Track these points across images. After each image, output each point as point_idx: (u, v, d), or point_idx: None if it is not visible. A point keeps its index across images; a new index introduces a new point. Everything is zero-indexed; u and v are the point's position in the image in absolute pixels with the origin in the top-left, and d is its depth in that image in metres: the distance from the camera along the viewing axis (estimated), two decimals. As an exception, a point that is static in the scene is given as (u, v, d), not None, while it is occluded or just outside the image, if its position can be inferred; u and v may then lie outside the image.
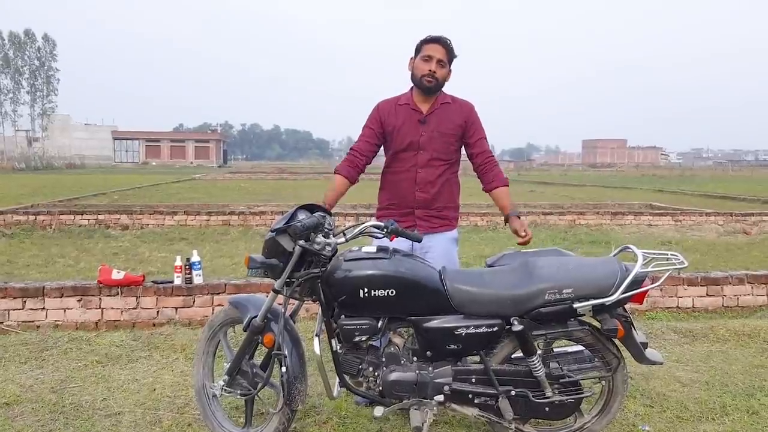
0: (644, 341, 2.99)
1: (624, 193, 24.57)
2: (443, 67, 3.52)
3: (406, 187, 3.58)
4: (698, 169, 77.14)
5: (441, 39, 3.50)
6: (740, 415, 3.51)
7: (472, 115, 3.66)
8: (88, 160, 66.33)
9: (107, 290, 5.24)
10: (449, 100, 3.64)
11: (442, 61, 3.50)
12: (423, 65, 3.49)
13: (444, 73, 3.54)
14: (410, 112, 3.59)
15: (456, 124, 3.60)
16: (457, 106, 3.64)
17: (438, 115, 3.59)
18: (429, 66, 3.48)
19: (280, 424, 3.03)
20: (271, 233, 2.90)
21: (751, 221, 13.08)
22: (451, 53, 3.54)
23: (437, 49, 3.49)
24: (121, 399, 3.71)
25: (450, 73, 3.59)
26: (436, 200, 3.60)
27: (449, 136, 3.59)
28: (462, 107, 3.66)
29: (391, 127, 3.60)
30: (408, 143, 3.57)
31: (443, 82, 3.56)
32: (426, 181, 3.57)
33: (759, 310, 5.86)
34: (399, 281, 2.85)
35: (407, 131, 3.57)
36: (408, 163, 3.57)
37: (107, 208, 13.58)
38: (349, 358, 2.99)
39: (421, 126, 3.56)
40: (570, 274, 2.86)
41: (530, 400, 2.95)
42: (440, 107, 3.60)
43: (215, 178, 34.46)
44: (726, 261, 8.81)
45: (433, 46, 3.49)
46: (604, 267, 2.89)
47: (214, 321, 3.26)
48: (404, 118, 3.59)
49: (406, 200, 3.59)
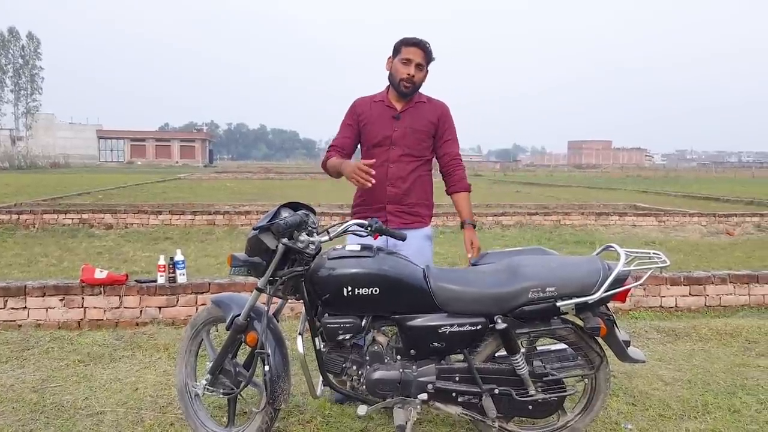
0: (627, 339, 3.01)
1: (609, 193, 24.72)
2: (421, 71, 3.54)
3: (378, 182, 3.50)
4: (682, 170, 77.79)
5: (421, 43, 3.50)
6: (722, 414, 3.54)
7: (445, 115, 3.70)
8: (72, 159, 65.78)
9: (90, 289, 5.20)
10: (425, 100, 3.67)
11: (420, 65, 3.52)
12: (402, 68, 3.50)
13: (422, 77, 3.57)
14: (385, 108, 3.62)
15: (429, 121, 3.63)
16: (431, 106, 3.68)
17: (412, 113, 3.61)
18: (408, 70, 3.48)
19: (263, 423, 3.01)
20: (254, 231, 2.88)
21: (734, 222, 13.20)
22: (430, 56, 3.55)
23: (416, 52, 3.50)
24: (103, 398, 3.68)
25: (427, 74, 3.62)
26: (407, 196, 3.61)
27: (422, 133, 3.62)
28: (436, 107, 3.69)
29: (365, 122, 3.63)
30: (381, 138, 3.58)
31: (420, 84, 3.59)
32: (397, 176, 3.58)
33: (741, 310, 5.91)
34: (383, 279, 2.84)
35: (380, 126, 3.59)
36: (380, 159, 3.56)
37: (91, 207, 13.49)
38: (333, 357, 2.98)
39: (394, 122, 3.58)
40: (553, 272, 2.87)
41: (513, 399, 2.96)
42: (415, 105, 3.63)
43: (201, 178, 34.33)
44: (709, 261, 8.88)
45: (412, 50, 3.50)
46: (587, 266, 2.90)
47: (197, 320, 3.24)
48: (378, 113, 3.62)
49: (378, 196, 3.58)
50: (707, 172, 67.93)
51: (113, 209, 13.03)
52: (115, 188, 22.48)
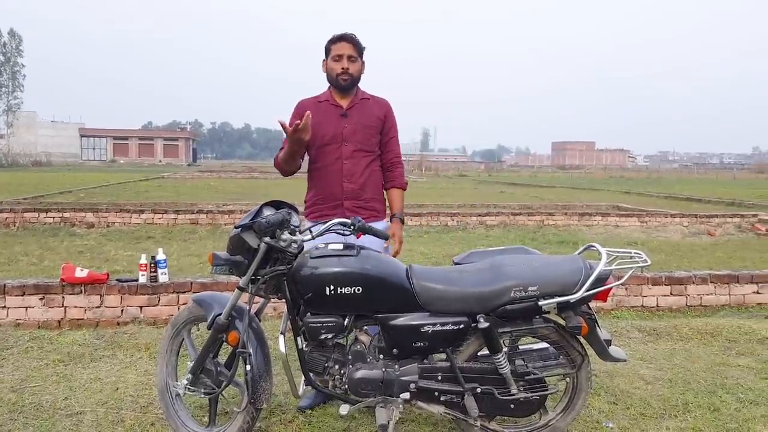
0: (608, 338, 3.02)
1: (592, 194, 24.86)
2: (355, 62, 3.58)
3: (333, 179, 3.61)
4: (664, 171, 78.48)
5: (346, 36, 3.57)
6: (702, 412, 3.56)
7: (389, 113, 3.76)
8: (54, 157, 65.26)
9: (70, 288, 5.15)
10: (368, 96, 3.73)
11: (352, 57, 3.57)
12: (335, 65, 3.56)
13: (357, 68, 3.60)
14: (330, 107, 3.65)
15: (376, 117, 3.68)
16: (375, 102, 3.73)
17: (359, 109, 3.65)
18: (341, 65, 3.54)
19: (245, 423, 2.99)
20: (236, 230, 2.86)
21: (715, 223, 13.32)
22: (359, 47, 3.60)
23: (344, 46, 3.56)
24: (83, 398, 3.65)
25: (363, 65, 3.66)
26: (363, 191, 3.64)
27: (371, 128, 3.65)
28: (380, 104, 3.75)
29: (313, 122, 3.56)
30: (331, 136, 3.60)
31: (358, 76, 3.63)
32: (352, 172, 3.60)
33: (721, 310, 5.96)
34: (365, 279, 2.83)
35: (329, 125, 3.61)
36: (333, 156, 3.60)
37: (73, 206, 13.36)
38: (315, 356, 2.97)
39: (342, 119, 3.61)
40: (535, 271, 2.88)
41: (495, 398, 2.96)
42: (360, 102, 3.67)
43: (184, 177, 34.14)
44: (690, 261, 8.95)
45: (340, 45, 3.56)
46: (569, 265, 2.92)
47: (178, 319, 3.22)
48: (325, 113, 3.63)
49: (334, 193, 3.61)
50: (689, 173, 68.59)
51: (95, 208, 12.90)
52: (97, 187, 22.30)
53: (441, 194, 22.78)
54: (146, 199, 16.95)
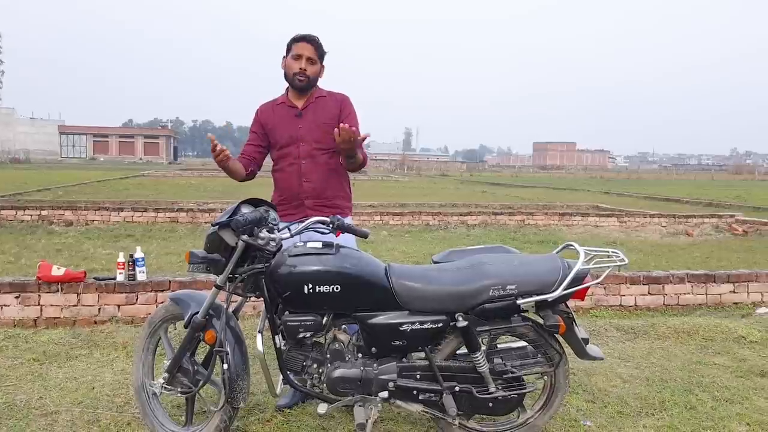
0: (585, 337, 3.04)
1: (572, 194, 25.03)
2: (314, 64, 3.56)
3: (292, 180, 3.61)
4: (644, 172, 79.15)
5: (308, 37, 3.54)
6: (678, 410, 3.59)
7: (346, 105, 3.70)
8: (33, 155, 64.50)
9: (47, 287, 5.08)
10: (324, 94, 3.69)
11: (312, 59, 3.55)
12: (293, 63, 3.54)
13: (315, 70, 3.59)
14: (286, 109, 3.65)
15: (332, 114, 3.63)
16: (332, 98, 3.70)
17: (314, 108, 3.64)
18: (299, 64, 3.52)
19: (222, 422, 2.97)
20: (214, 228, 2.84)
21: (693, 223, 13.46)
22: (320, 50, 3.58)
23: (305, 47, 3.53)
24: (58, 398, 3.60)
25: (323, 69, 3.65)
26: (324, 189, 3.62)
27: (327, 126, 3.55)
28: (336, 99, 3.71)
29: (271, 126, 3.66)
30: (288, 137, 3.61)
31: (315, 78, 3.61)
32: (310, 171, 3.60)
33: (698, 309, 6.02)
34: (344, 277, 2.82)
35: (285, 127, 3.62)
36: (291, 157, 3.61)
37: (51, 204, 13.21)
38: (293, 355, 2.95)
39: (298, 120, 3.61)
40: (514, 270, 2.89)
41: (474, 396, 2.97)
42: (315, 101, 3.65)
43: (164, 175, 33.90)
44: (668, 261, 9.03)
45: (301, 45, 3.53)
46: (547, 264, 2.93)
47: (155, 317, 3.19)
48: (281, 115, 3.65)
49: (295, 193, 3.61)
50: (668, 174, 69.25)
51: (74, 206, 12.78)
52: (76, 184, 22.09)
53: (423, 194, 22.83)
54: (126, 198, 16.81)
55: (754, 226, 13.08)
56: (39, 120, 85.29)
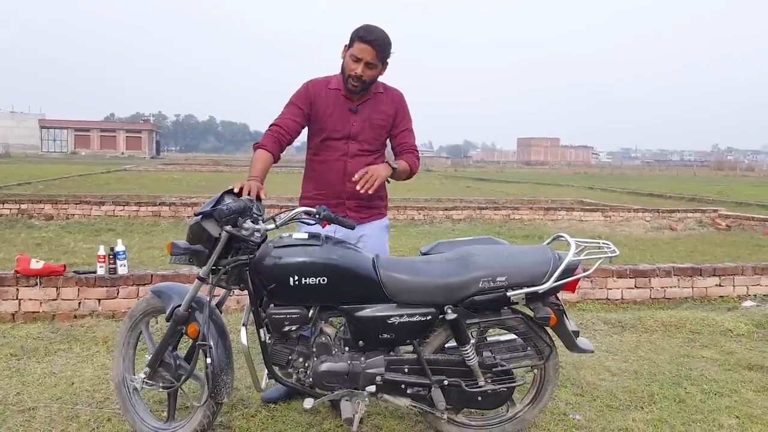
0: (576, 330, 2.99)
1: (557, 189, 25.10)
2: (373, 69, 3.27)
3: (335, 177, 3.40)
4: (627, 167, 79.69)
5: (375, 41, 3.21)
6: (668, 404, 3.57)
7: (401, 105, 3.51)
8: (13, 149, 63.75)
9: (25, 281, 4.96)
10: (381, 89, 3.46)
11: (372, 63, 3.24)
12: (352, 64, 3.25)
13: (373, 74, 3.30)
14: (341, 99, 3.38)
15: (387, 114, 3.44)
16: (388, 96, 3.47)
17: (370, 106, 3.41)
18: (357, 68, 3.23)
19: (205, 418, 2.90)
20: (196, 218, 2.76)
21: (677, 218, 13.52)
22: (385, 53, 3.27)
23: (367, 51, 3.21)
24: (36, 393, 3.51)
25: (384, 69, 3.37)
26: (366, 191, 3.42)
27: (381, 128, 3.44)
28: (393, 97, 3.49)
29: (321, 112, 3.38)
30: (339, 132, 3.37)
31: (371, 83, 3.33)
32: (356, 171, 3.29)
33: (684, 302, 6.01)
34: (330, 269, 2.75)
35: (338, 119, 3.37)
36: (337, 152, 3.38)
37: (30, 198, 13.01)
38: (278, 349, 2.88)
39: (352, 115, 3.37)
40: (504, 262, 2.84)
41: (463, 390, 2.91)
42: (372, 97, 3.42)
43: (147, 170, 33.60)
44: (653, 255, 9.05)
45: (364, 47, 3.21)
46: (538, 255, 2.88)
47: (135, 311, 3.10)
48: (335, 104, 3.38)
49: (336, 191, 3.41)
50: (651, 170, 69.74)
51: (54, 199, 12.60)
52: (57, 179, 21.79)
53: (408, 188, 22.71)
54: (108, 192, 16.60)
55: (737, 220, 13.16)
56: (19, 114, 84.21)
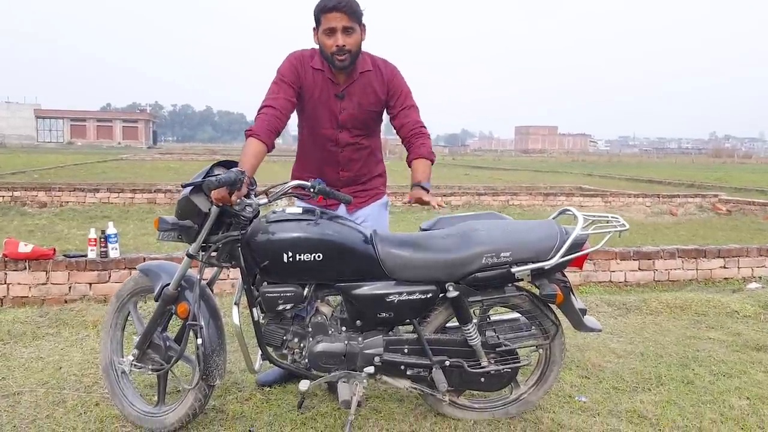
0: (583, 308, 2.87)
1: (555, 176, 24.98)
2: (352, 34, 2.92)
3: (328, 167, 3.18)
4: (625, 155, 79.55)
5: (339, 5, 2.85)
6: (676, 385, 3.45)
7: (395, 82, 3.12)
8: (9, 139, 63.42)
9: (13, 264, 4.84)
10: (369, 67, 3.08)
11: (349, 28, 2.90)
12: (328, 41, 2.91)
13: (355, 40, 2.94)
14: (326, 82, 3.04)
15: (378, 96, 3.09)
16: (377, 74, 3.09)
17: (357, 88, 3.06)
18: (335, 41, 2.89)
19: (196, 401, 2.77)
20: (185, 190, 2.62)
21: (677, 203, 13.41)
22: (356, 14, 2.92)
23: (337, 17, 2.87)
24: (22, 378, 3.38)
25: (364, 31, 3.01)
26: (363, 175, 3.26)
27: (372, 112, 3.13)
28: (383, 73, 3.11)
29: (309, 95, 3.05)
30: (326, 121, 3.09)
31: (358, 50, 2.99)
32: (350, 160, 3.18)
33: (689, 284, 5.91)
34: (326, 245, 2.62)
35: (324, 106, 3.06)
36: (328, 142, 3.12)
37: (24, 185, 12.86)
38: (272, 329, 2.75)
39: (339, 102, 3.05)
40: (508, 237, 2.70)
41: (465, 371, 2.79)
42: (359, 78, 3.05)
43: (143, 159, 33.38)
44: (654, 239, 8.93)
45: (332, 15, 2.87)
46: (543, 230, 2.75)
47: (123, 291, 2.96)
48: (320, 88, 3.04)
49: (331, 181, 3.10)
50: (649, 157, 69.61)
51: (48, 187, 12.46)
52: (52, 168, 21.61)
53: (405, 176, 22.56)
54: (103, 180, 16.43)
55: (737, 205, 13.06)
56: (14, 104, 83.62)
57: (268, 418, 2.98)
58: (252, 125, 2.93)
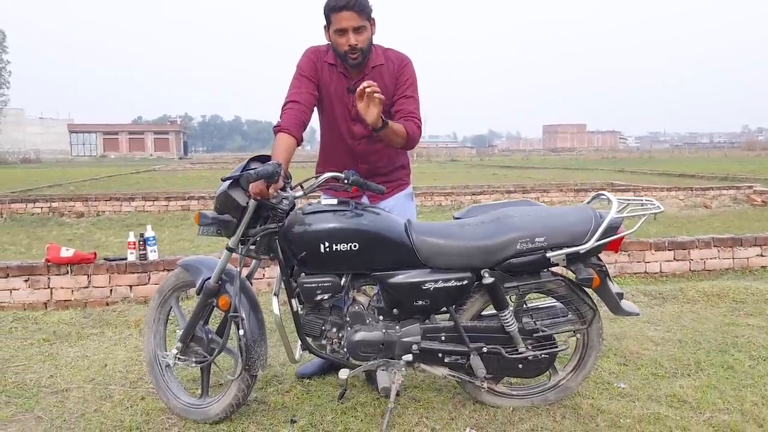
0: (620, 292, 2.87)
1: (585, 173, 24.75)
2: (363, 32, 2.97)
3: (346, 160, 3.22)
4: (656, 151, 78.45)
5: (348, 4, 2.89)
6: (715, 370, 3.43)
7: (403, 72, 3.13)
8: (44, 154, 64.67)
9: (56, 269, 4.96)
10: (381, 61, 3.12)
11: (359, 27, 2.95)
12: (340, 40, 2.96)
13: (366, 37, 2.98)
14: (339, 77, 3.10)
15: (388, 89, 3.07)
16: (388, 67, 3.12)
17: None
18: (346, 40, 2.94)
19: (240, 392, 2.83)
20: (223, 184, 2.68)
21: (711, 195, 13.22)
22: (365, 11, 2.95)
23: (347, 17, 2.91)
24: (69, 376, 3.48)
25: (373, 27, 3.05)
26: (383, 166, 3.29)
27: (384, 104, 2.95)
28: (394, 66, 3.13)
29: (324, 90, 3.12)
30: (340, 114, 3.15)
31: (369, 45, 3.03)
32: (367, 152, 3.22)
33: (725, 273, 5.83)
34: (362, 234, 2.66)
35: (338, 100, 3.13)
36: (344, 135, 3.18)
37: (61, 196, 13.14)
38: (311, 319, 2.80)
39: (351, 95, 3.05)
40: (542, 222, 2.72)
41: (503, 357, 2.81)
42: (371, 72, 3.09)
43: (175, 169, 33.82)
44: (689, 232, 8.80)
45: (342, 15, 2.92)
46: (578, 214, 2.76)
47: (165, 286, 3.04)
48: (335, 83, 3.11)
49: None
50: (680, 152, 68.55)
51: (84, 197, 12.71)
52: (87, 180, 22.04)
53: (433, 178, 22.60)
54: (137, 190, 16.71)
55: (774, 196, 12.82)
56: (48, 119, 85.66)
57: (309, 408, 3.03)
58: (279, 122, 2.98)
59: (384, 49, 3.18)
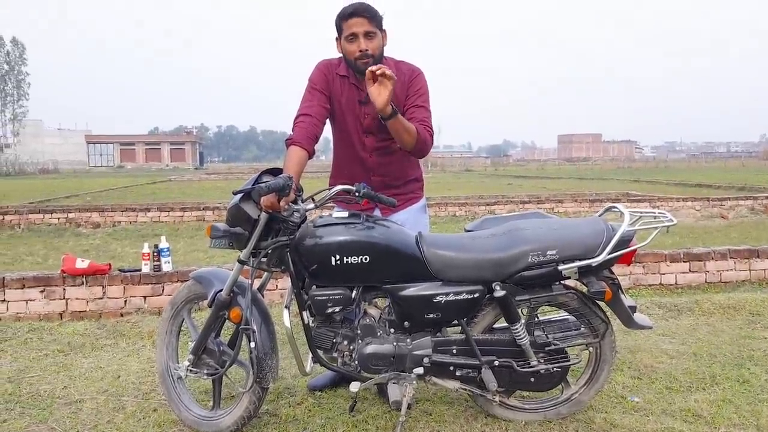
0: (632, 305, 2.85)
1: (601, 183, 24.63)
2: (373, 38, 2.99)
3: (359, 172, 3.22)
4: (672, 161, 77.96)
5: (358, 9, 2.95)
6: (731, 384, 3.39)
7: (414, 82, 3.12)
8: (62, 165, 65.31)
9: (71, 280, 5.00)
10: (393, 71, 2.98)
11: (370, 33, 2.97)
12: (350, 46, 2.99)
13: (377, 44, 3.01)
14: (351, 88, 3.11)
15: (399, 100, 3.05)
16: (400, 78, 3.05)
17: None
18: (357, 46, 2.97)
19: (251, 404, 2.83)
20: (235, 198, 2.70)
21: (728, 206, 13.11)
22: (376, 18, 2.98)
23: (358, 23, 2.95)
24: (83, 387, 3.50)
25: (385, 35, 3.08)
26: (396, 179, 3.29)
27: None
28: (405, 77, 3.11)
29: (336, 102, 3.13)
30: (352, 126, 3.16)
31: (381, 53, 3.06)
32: (380, 164, 3.22)
33: (742, 285, 5.77)
34: (373, 247, 2.66)
35: (350, 112, 3.14)
36: (356, 147, 3.19)
37: (78, 207, 13.26)
38: (322, 332, 2.80)
39: (362, 107, 3.10)
40: (554, 234, 2.71)
41: (515, 371, 2.80)
42: None
43: (191, 180, 34.03)
44: (705, 242, 8.74)
45: (353, 21, 2.95)
46: (590, 227, 2.75)
47: (177, 298, 3.05)
48: (346, 95, 3.12)
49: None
50: (697, 162, 68.03)
51: (100, 208, 12.82)
52: (104, 191, 22.23)
53: (448, 188, 22.58)
54: (153, 201, 16.83)
55: (792, 206, 12.69)
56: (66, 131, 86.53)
57: (321, 421, 3.03)
58: (291, 135, 3.00)
59: (396, 61, 3.19)
